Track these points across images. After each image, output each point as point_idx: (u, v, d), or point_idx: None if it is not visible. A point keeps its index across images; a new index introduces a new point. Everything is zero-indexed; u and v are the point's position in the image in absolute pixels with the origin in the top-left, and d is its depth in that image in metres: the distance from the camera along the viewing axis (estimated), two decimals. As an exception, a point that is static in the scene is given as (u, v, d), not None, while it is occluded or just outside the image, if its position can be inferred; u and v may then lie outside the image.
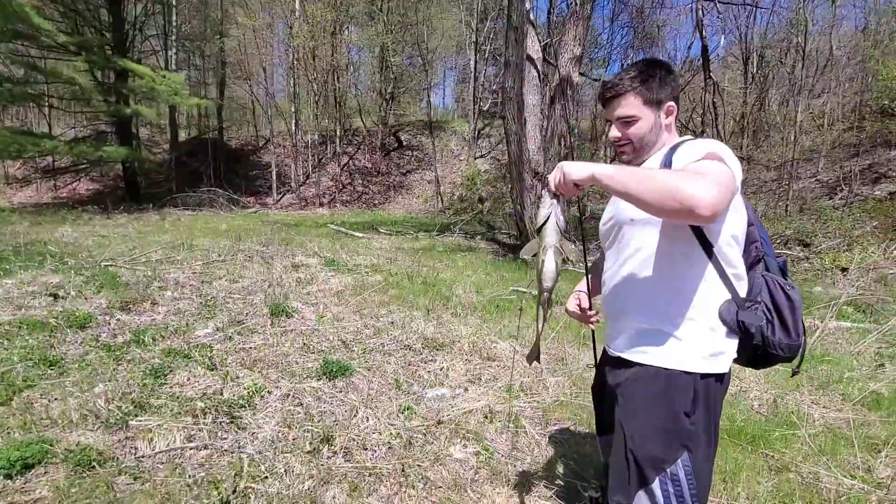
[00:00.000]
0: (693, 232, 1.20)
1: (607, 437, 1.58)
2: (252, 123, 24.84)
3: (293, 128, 20.93)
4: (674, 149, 1.25)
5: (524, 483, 2.07)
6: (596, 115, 19.65)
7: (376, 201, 21.29)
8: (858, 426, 2.78)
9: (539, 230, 1.24)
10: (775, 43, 20.75)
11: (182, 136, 22.95)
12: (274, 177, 20.05)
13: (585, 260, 1.71)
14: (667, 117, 1.30)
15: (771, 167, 16.43)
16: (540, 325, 1.36)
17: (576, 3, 9.79)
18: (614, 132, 1.33)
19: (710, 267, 1.21)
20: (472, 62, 24.01)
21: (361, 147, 23.51)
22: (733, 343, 1.25)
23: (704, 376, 1.22)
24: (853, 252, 9.21)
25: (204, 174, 19.55)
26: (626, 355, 1.34)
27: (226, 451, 2.19)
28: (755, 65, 20.64)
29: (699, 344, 1.22)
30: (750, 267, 1.27)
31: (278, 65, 24.16)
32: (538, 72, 10.52)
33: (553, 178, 1.21)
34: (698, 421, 1.23)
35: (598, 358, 1.63)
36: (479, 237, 12.27)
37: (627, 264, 1.31)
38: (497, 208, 17.82)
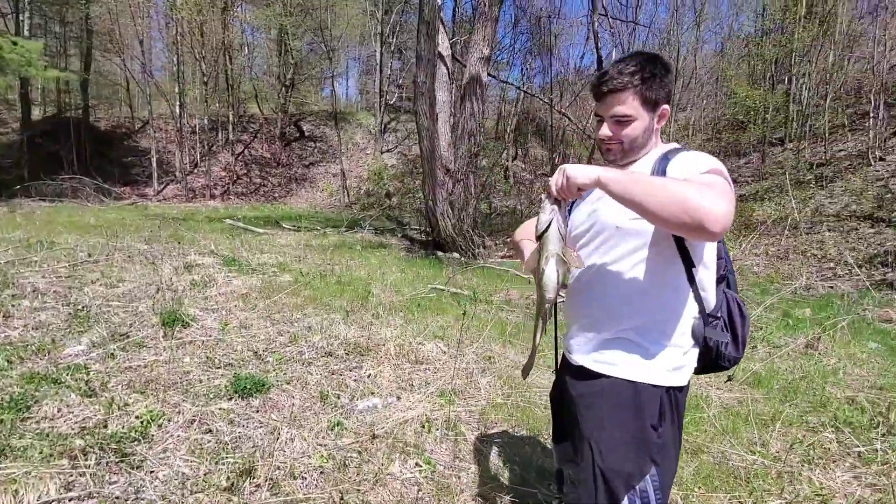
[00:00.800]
0: (677, 248, 1.19)
1: (564, 445, 1.54)
2: (126, 103, 21.88)
3: (177, 110, 18.81)
4: (667, 157, 1.22)
5: (472, 496, 1.99)
6: (501, 114, 20.33)
7: (276, 194, 20.01)
8: (748, 404, 3.13)
9: (540, 237, 1.14)
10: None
11: (36, 113, 19.44)
12: (154, 164, 17.85)
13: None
14: (659, 121, 1.26)
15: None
16: (537, 338, 1.27)
17: (484, 5, 9.97)
18: (605, 130, 1.25)
19: (689, 283, 1.21)
20: (377, 54, 23.53)
21: (258, 135, 21.91)
22: (695, 355, 1.26)
23: (669, 389, 1.22)
24: (716, 247, 10.55)
25: (65, 159, 16.78)
26: (591, 366, 1.29)
27: (118, 498, 1.81)
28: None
29: (667, 357, 1.21)
30: (716, 283, 1.29)
31: (158, 38, 21.55)
32: (447, 69, 10.57)
33: (555, 181, 1.12)
34: (665, 434, 1.22)
35: (558, 363, 1.58)
36: (389, 233, 12.05)
37: (608, 272, 1.25)
38: (405, 204, 17.71)
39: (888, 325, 6.29)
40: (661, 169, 1.20)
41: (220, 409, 2.50)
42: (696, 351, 1.26)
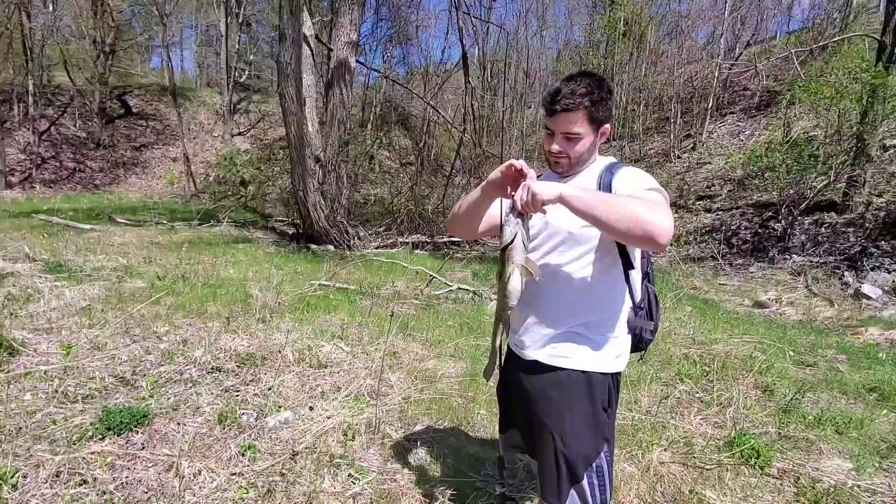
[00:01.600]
0: (619, 252, 1.34)
1: (510, 433, 1.64)
2: None
3: (-56, 73, 14.48)
4: (611, 171, 1.34)
5: (415, 498, 1.98)
6: (365, 102, 19.92)
7: (98, 182, 16.83)
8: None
9: (505, 249, 1.20)
10: (502, 58, 24.89)
11: None
12: None
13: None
14: (601, 138, 1.37)
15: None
16: (497, 342, 1.32)
17: (350, -13, 9.61)
18: (556, 146, 1.33)
19: (625, 281, 1.38)
20: (222, 25, 21.06)
21: (70, 110, 18.06)
22: (629, 342, 1.45)
23: (614, 374, 1.40)
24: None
25: None
26: (545, 359, 1.39)
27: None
28: (489, 74, 24.36)
29: (611, 347, 1.37)
30: (641, 279, 1.48)
31: None
32: (312, 51, 9.99)
33: (519, 197, 1.17)
34: (612, 413, 1.40)
35: (503, 358, 1.65)
36: (252, 226, 11.06)
37: (562, 273, 1.35)
38: (266, 193, 16.36)
39: (695, 292, 7.88)
40: (606, 182, 1.33)
41: (91, 453, 2.07)
42: (630, 338, 1.44)
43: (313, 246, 9.31)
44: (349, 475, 2.08)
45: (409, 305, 5.13)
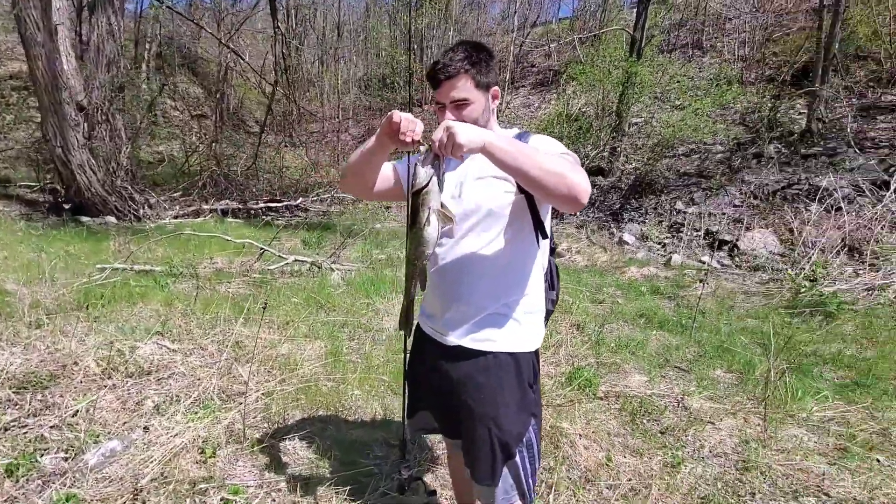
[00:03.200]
0: (534, 226, 1.34)
1: (418, 417, 1.59)
2: None
3: None
4: (522, 137, 1.32)
5: (308, 503, 1.79)
6: (139, 37, 16.04)
7: None
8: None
9: (418, 193, 1.12)
10: (308, 4, 22.96)
11: None
12: None
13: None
14: (493, 101, 1.34)
15: (319, 120, 18.70)
16: (414, 292, 1.27)
17: None
18: (449, 116, 1.27)
19: (539, 255, 1.40)
20: None
21: None
22: (544, 315, 1.49)
23: (536, 350, 1.43)
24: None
25: None
26: (470, 345, 1.35)
27: None
28: (294, 20, 22.29)
29: (533, 324, 1.40)
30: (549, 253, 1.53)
31: None
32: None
33: (437, 137, 1.09)
34: (537, 387, 1.44)
35: (410, 340, 1.56)
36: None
37: (482, 254, 1.31)
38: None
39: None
40: None
41: None
42: (544, 311, 1.50)
43: (85, 218, 7.42)
44: (222, 499, 1.77)
45: (240, 283, 4.53)
